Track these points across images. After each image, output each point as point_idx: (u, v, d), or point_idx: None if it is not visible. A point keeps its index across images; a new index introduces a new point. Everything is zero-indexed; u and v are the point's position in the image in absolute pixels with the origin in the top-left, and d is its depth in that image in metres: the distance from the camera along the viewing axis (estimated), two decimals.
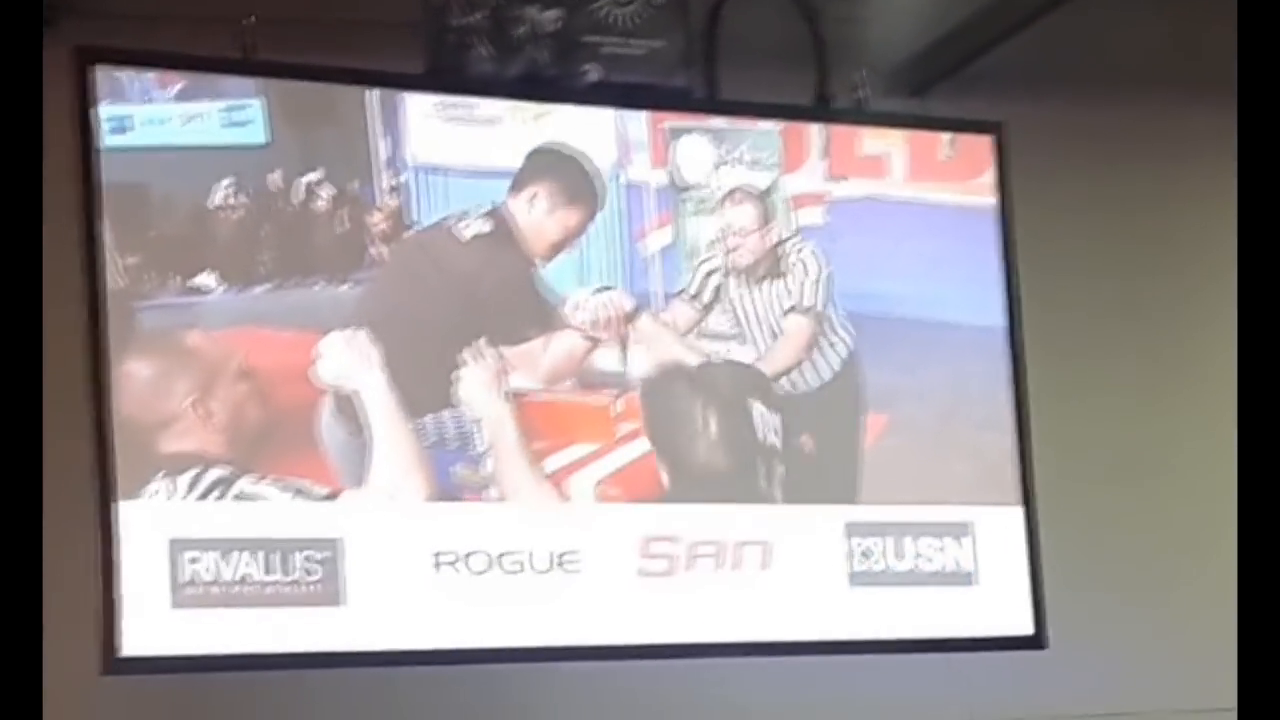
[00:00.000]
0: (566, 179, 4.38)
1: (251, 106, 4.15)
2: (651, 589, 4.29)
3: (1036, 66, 4.94)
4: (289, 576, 3.98)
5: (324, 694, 4.27)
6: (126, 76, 4.06)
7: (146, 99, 4.07)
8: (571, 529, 4.24)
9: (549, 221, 4.35)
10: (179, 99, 4.10)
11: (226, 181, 4.10)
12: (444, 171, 4.30)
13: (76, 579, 3.88)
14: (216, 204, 4.09)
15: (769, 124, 4.61)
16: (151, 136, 4.06)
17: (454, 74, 4.36)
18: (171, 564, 3.91)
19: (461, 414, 4.20)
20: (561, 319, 4.34)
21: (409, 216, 4.26)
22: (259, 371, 4.05)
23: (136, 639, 3.85)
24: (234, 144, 4.14)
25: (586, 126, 4.44)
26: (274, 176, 4.16)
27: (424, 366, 4.19)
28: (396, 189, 4.25)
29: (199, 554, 3.93)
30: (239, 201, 4.11)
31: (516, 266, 4.33)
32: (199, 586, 3.91)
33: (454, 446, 4.19)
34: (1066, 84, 5.04)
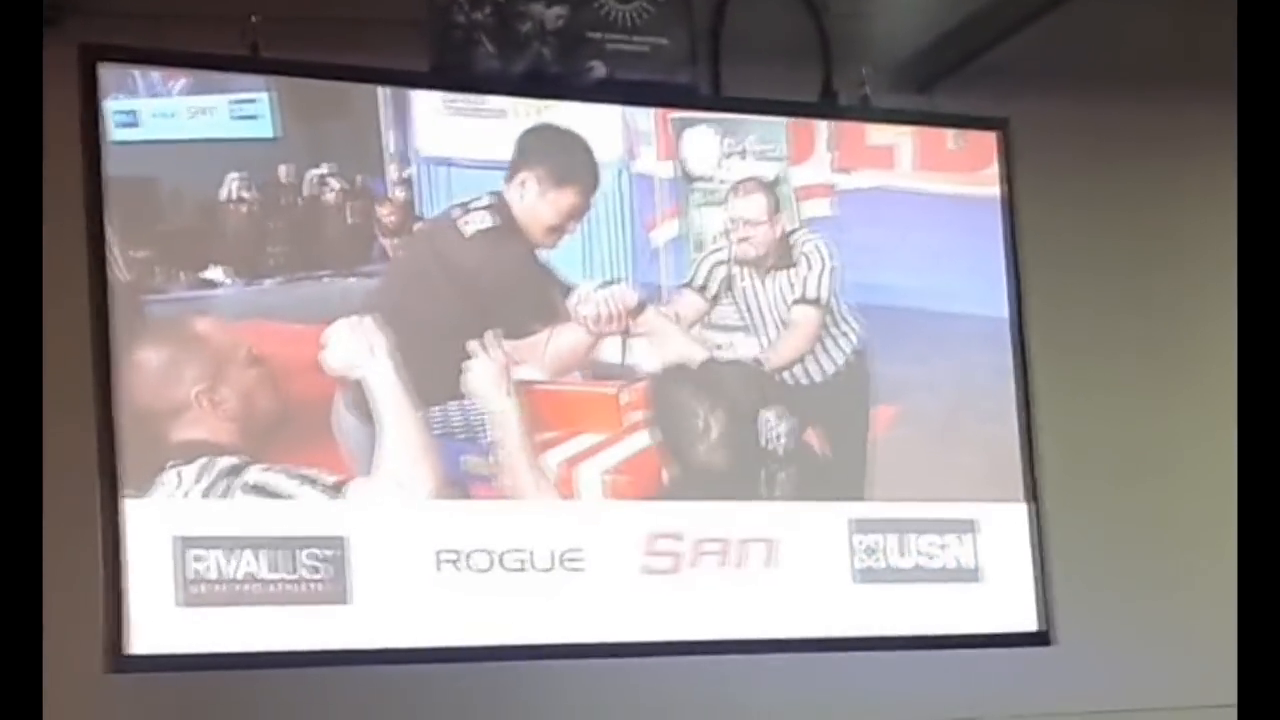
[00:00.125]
0: (554, 161, 4.38)
1: (260, 100, 4.16)
2: (656, 586, 4.29)
3: (1041, 62, 4.92)
4: (294, 575, 3.99)
5: (329, 692, 4.27)
6: (136, 71, 4.07)
7: (154, 93, 4.08)
8: (576, 527, 4.24)
9: (541, 205, 4.35)
10: (187, 93, 4.11)
11: (235, 175, 4.11)
12: (451, 164, 4.30)
13: (83, 577, 3.89)
14: (225, 197, 4.10)
15: (776, 116, 4.61)
16: (160, 130, 4.08)
17: (459, 71, 4.36)
18: (177, 562, 3.92)
19: (469, 406, 4.21)
20: (566, 312, 4.35)
21: (417, 209, 4.26)
22: (268, 359, 4.06)
23: (142, 637, 3.87)
24: (243, 137, 4.15)
25: (593, 118, 4.44)
26: (283, 170, 4.17)
27: (432, 359, 4.20)
28: (404, 182, 4.26)
29: (204, 552, 3.94)
30: (248, 195, 4.12)
31: (519, 258, 4.34)
32: (205, 585, 3.93)
33: (462, 437, 4.20)
34: (1071, 80, 5.02)
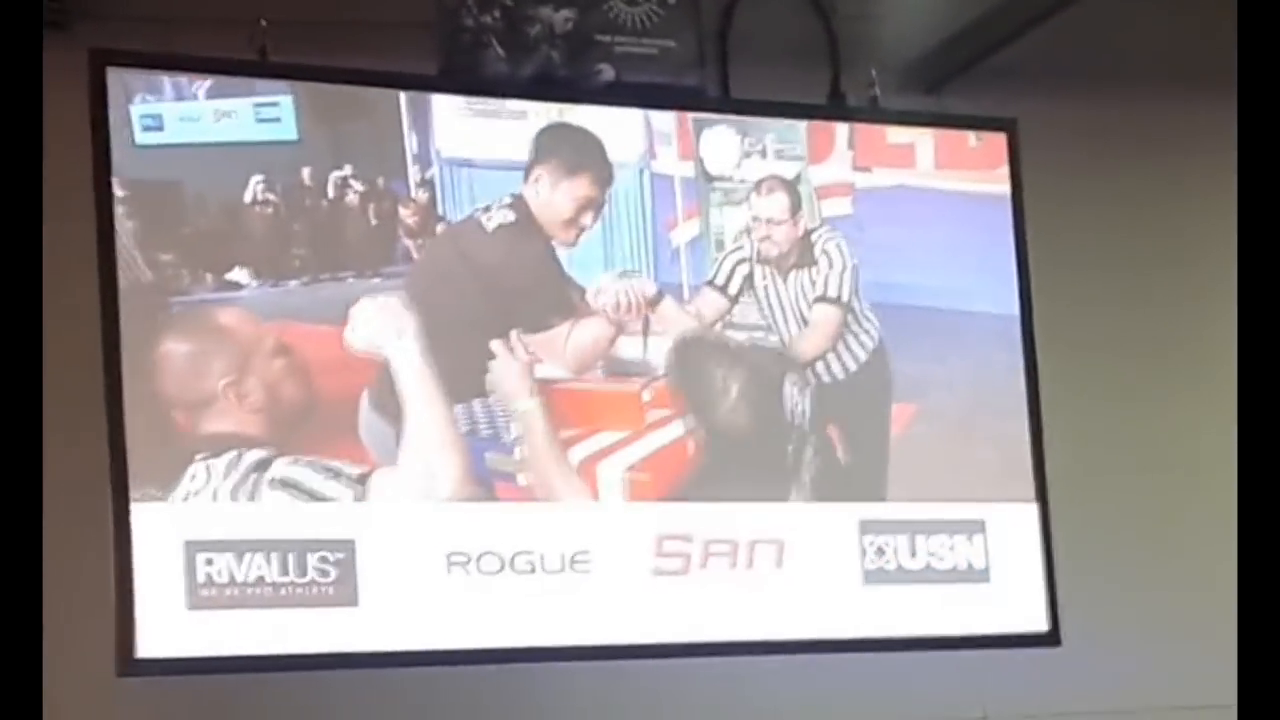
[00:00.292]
0: (564, 153, 4.38)
1: (283, 103, 4.18)
2: (665, 588, 4.29)
3: (1050, 63, 4.93)
4: (303, 578, 4.00)
5: (339, 694, 4.28)
6: (165, 75, 4.08)
7: (181, 96, 4.09)
8: (585, 529, 4.25)
9: (556, 197, 4.36)
10: (211, 96, 4.12)
11: (258, 178, 4.12)
12: (472, 165, 4.31)
13: (93, 581, 3.91)
14: (249, 200, 4.12)
15: (784, 118, 4.60)
16: (184, 134, 4.09)
17: (467, 74, 4.37)
18: (187, 566, 3.93)
19: (492, 404, 4.22)
20: (586, 307, 4.36)
21: (439, 210, 4.28)
22: (294, 350, 4.08)
23: (152, 641, 3.87)
24: (265, 140, 4.16)
25: (612, 119, 4.45)
26: (306, 172, 4.18)
27: (455, 357, 4.20)
28: (426, 183, 4.27)
29: (214, 555, 3.94)
30: (271, 197, 4.13)
31: (540, 254, 4.35)
32: (214, 588, 3.93)
33: (486, 434, 4.21)
34: (1080, 80, 5.03)
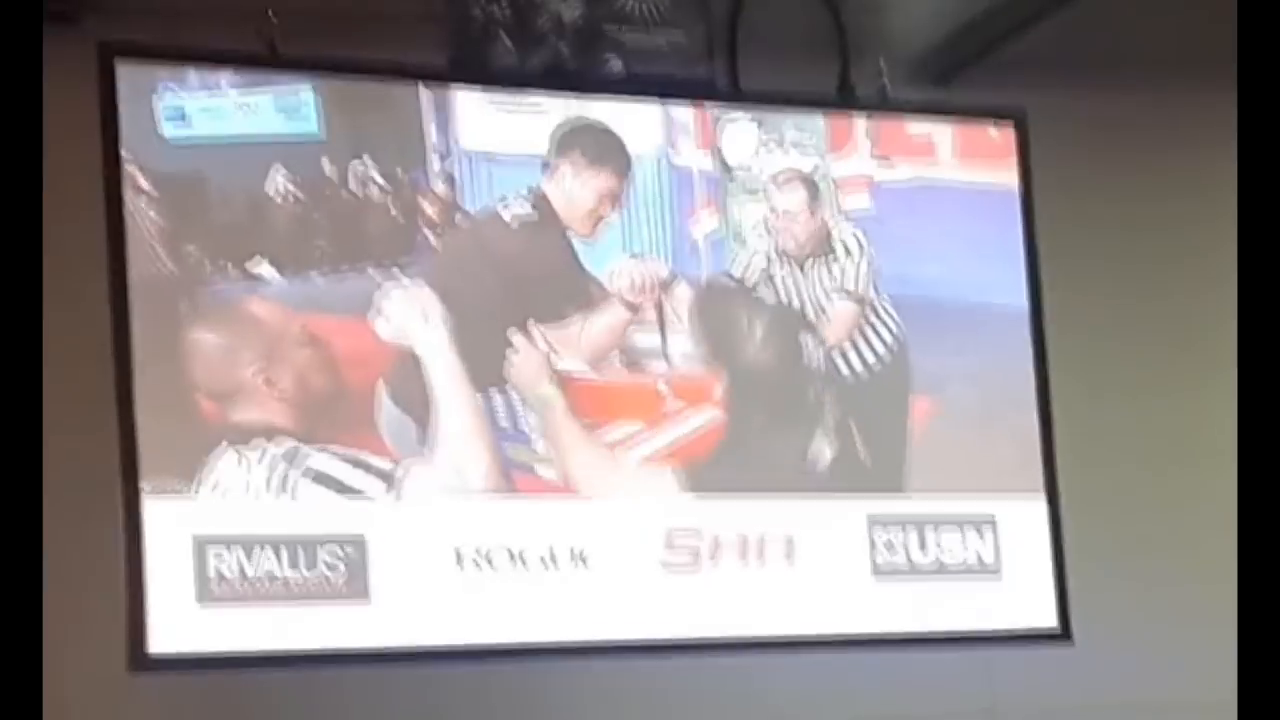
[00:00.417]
0: (584, 146, 4.38)
1: (304, 96, 4.18)
2: (675, 583, 4.30)
3: (1060, 54, 4.92)
4: (313, 573, 4.00)
5: (349, 690, 4.28)
6: (191, 68, 4.10)
7: (205, 88, 4.10)
8: (595, 524, 4.25)
9: (578, 188, 4.36)
10: (234, 88, 4.13)
11: (281, 170, 4.13)
12: (492, 158, 4.32)
13: (103, 577, 3.91)
14: (272, 192, 4.12)
15: (792, 109, 4.60)
16: (208, 127, 4.10)
17: (476, 66, 4.36)
18: (197, 561, 3.93)
19: (511, 395, 4.23)
20: (603, 296, 4.36)
21: (459, 202, 4.28)
22: (320, 340, 4.09)
23: (163, 637, 3.88)
24: (287, 133, 4.17)
25: (631, 112, 4.45)
26: (326, 164, 4.19)
27: (474, 348, 4.21)
28: (447, 176, 4.27)
29: (224, 550, 3.95)
30: (293, 190, 4.14)
31: (558, 247, 4.35)
32: (224, 583, 3.94)
33: (504, 425, 4.22)
34: (1093, 71, 5.02)
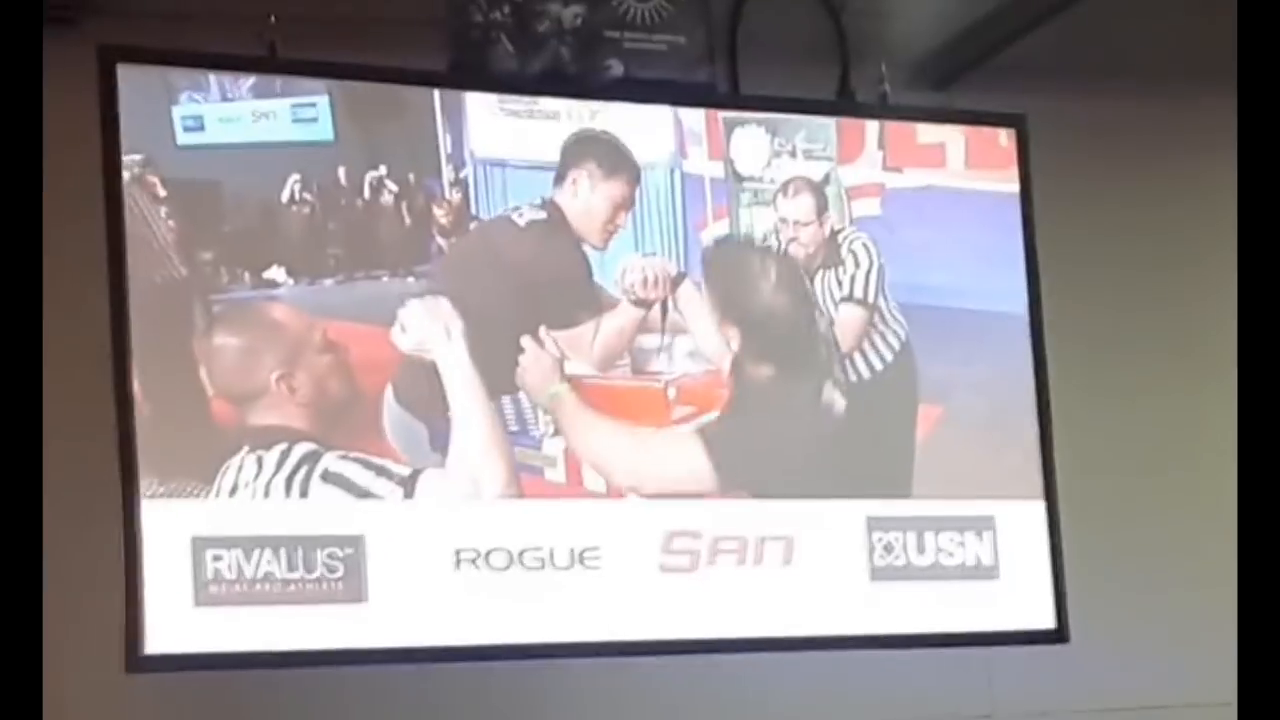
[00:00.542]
0: (598, 157, 4.39)
1: (319, 104, 4.19)
2: (674, 584, 4.30)
3: (1060, 59, 4.92)
4: (311, 574, 4.01)
5: (347, 691, 4.28)
6: (210, 75, 4.11)
7: (221, 97, 4.12)
8: (594, 525, 4.26)
9: (594, 199, 4.37)
10: (250, 96, 4.14)
11: (295, 177, 4.14)
12: (506, 165, 4.33)
13: (100, 578, 3.92)
14: (286, 200, 4.13)
15: (794, 114, 4.60)
16: (224, 134, 4.11)
17: (477, 70, 4.37)
18: (194, 562, 3.93)
19: (521, 399, 4.24)
20: (613, 303, 4.37)
21: (473, 210, 4.29)
22: (339, 346, 4.10)
23: (160, 637, 3.88)
24: (302, 140, 4.18)
25: (643, 119, 4.46)
26: (341, 172, 4.20)
27: (488, 355, 4.22)
28: (460, 183, 4.28)
29: (222, 552, 3.96)
30: (307, 197, 4.15)
31: (572, 254, 4.36)
32: (222, 584, 3.94)
33: (514, 430, 4.23)
34: (1090, 76, 5.02)
